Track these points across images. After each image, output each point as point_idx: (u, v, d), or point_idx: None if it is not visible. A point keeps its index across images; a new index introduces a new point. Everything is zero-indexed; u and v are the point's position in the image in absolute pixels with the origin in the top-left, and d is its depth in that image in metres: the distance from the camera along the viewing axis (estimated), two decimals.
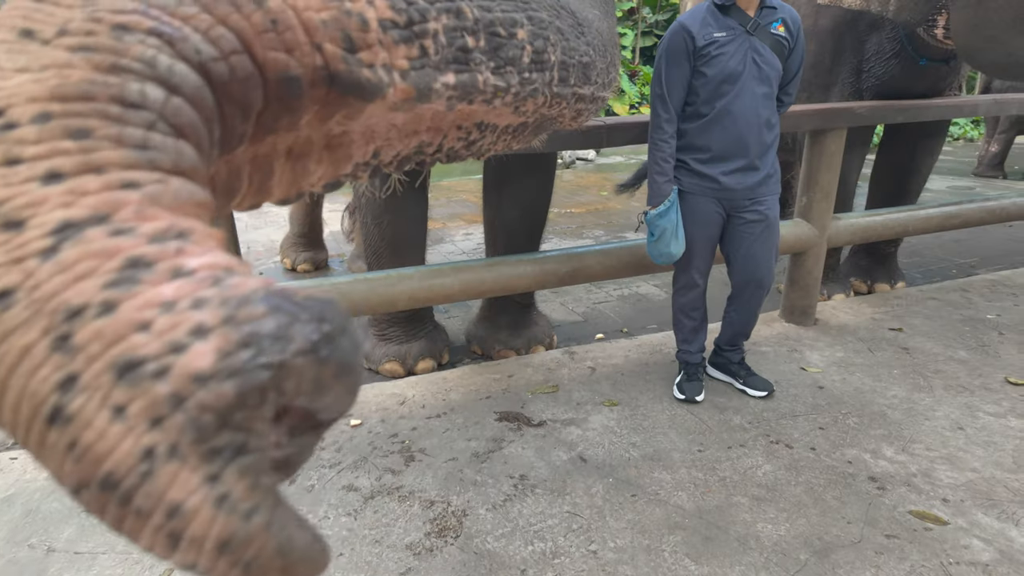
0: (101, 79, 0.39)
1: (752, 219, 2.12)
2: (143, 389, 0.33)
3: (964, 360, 2.58)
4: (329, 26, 0.48)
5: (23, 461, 2.02)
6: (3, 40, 0.39)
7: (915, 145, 3.18)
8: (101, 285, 0.35)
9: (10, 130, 0.37)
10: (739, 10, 1.97)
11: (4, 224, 0.35)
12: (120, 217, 0.37)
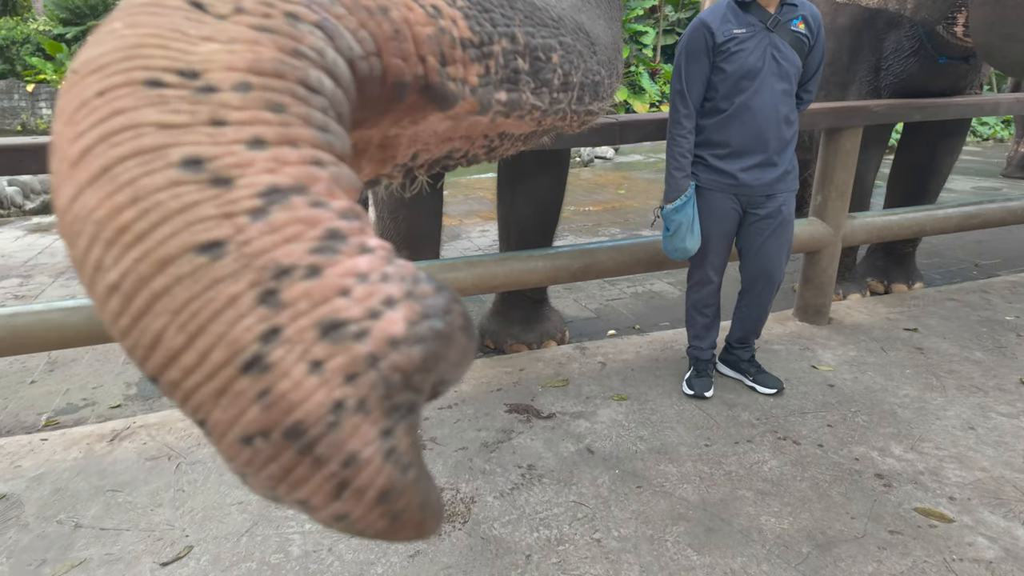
0: (289, 60, 0.42)
1: (767, 215, 2.14)
2: (344, 347, 0.37)
3: (979, 361, 2.56)
4: (431, 41, 0.53)
5: (52, 442, 2.11)
6: (173, 7, 0.41)
7: (935, 144, 3.15)
8: (308, 250, 0.38)
9: (212, 92, 0.39)
10: (759, 7, 1.98)
11: (214, 180, 0.37)
12: (316, 191, 0.40)
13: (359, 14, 0.48)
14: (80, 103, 0.38)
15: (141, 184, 0.36)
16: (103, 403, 2.51)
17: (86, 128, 0.37)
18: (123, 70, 0.38)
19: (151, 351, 0.37)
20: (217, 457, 1.99)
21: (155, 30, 0.40)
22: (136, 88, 0.38)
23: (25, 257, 4.48)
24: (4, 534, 1.70)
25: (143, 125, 0.37)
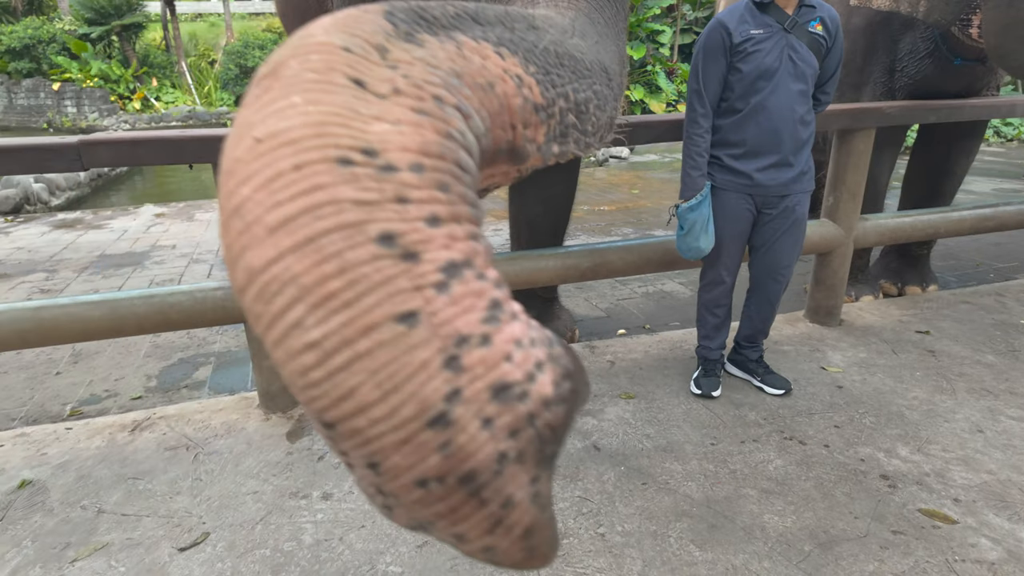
0: (446, 143, 0.48)
1: (781, 215, 2.15)
2: (510, 407, 0.43)
3: (991, 364, 2.54)
4: (521, 110, 0.59)
5: (76, 431, 2.19)
6: (341, 85, 0.45)
7: (950, 146, 3.12)
8: (479, 320, 0.44)
9: (393, 172, 0.44)
10: (777, 8, 1.99)
11: (404, 255, 0.43)
12: (478, 263, 0.46)
13: (478, 93, 0.53)
14: (276, 174, 0.42)
15: (347, 257, 0.41)
16: (125, 394, 2.59)
17: (286, 199, 0.42)
18: (316, 147, 0.43)
19: (341, 402, 0.42)
20: (233, 448, 2.06)
21: (333, 108, 0.44)
22: (331, 165, 0.42)
23: (50, 252, 4.60)
24: (30, 518, 1.77)
25: (342, 201, 0.42)
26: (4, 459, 2.04)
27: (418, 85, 0.48)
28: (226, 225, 0.44)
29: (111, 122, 15.06)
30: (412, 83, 0.47)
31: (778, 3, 1.99)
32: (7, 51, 15.84)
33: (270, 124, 0.43)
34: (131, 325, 2.05)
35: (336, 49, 0.46)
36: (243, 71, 16.60)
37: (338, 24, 0.49)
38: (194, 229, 5.20)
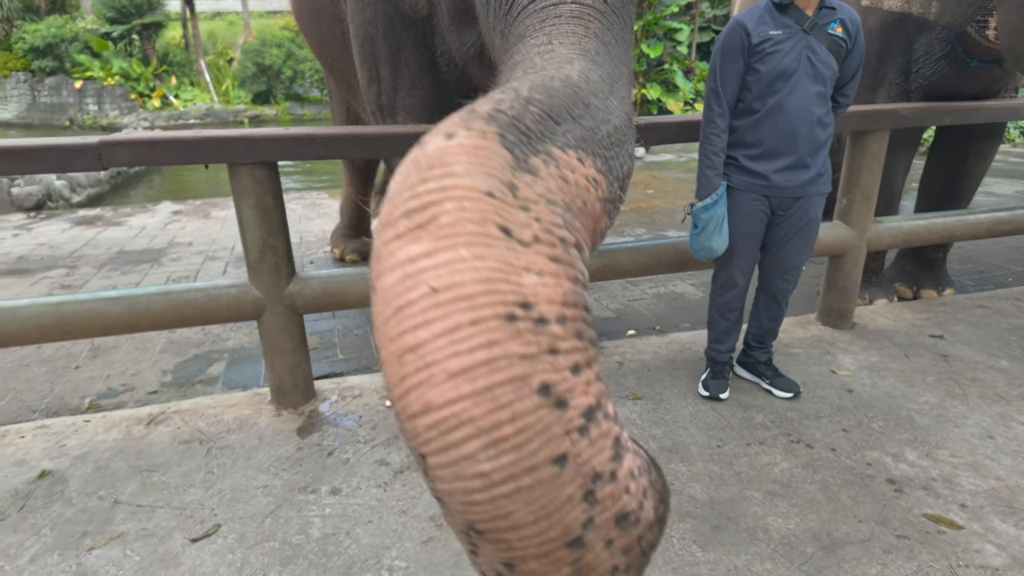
0: (577, 290, 0.56)
1: (794, 215, 2.14)
2: (627, 532, 0.55)
3: (1005, 369, 2.52)
4: (600, 213, 0.69)
5: (94, 424, 2.24)
6: (493, 237, 0.53)
7: (967, 148, 3.09)
8: (609, 458, 0.54)
9: (545, 324, 0.52)
10: (797, 9, 1.99)
11: (557, 403, 0.52)
12: (605, 404, 0.56)
13: (581, 218, 0.63)
14: (456, 326, 0.50)
15: (516, 407, 0.50)
16: (141, 388, 2.65)
17: (466, 350, 0.50)
18: (488, 304, 0.51)
19: (498, 520, 0.52)
20: (245, 443, 2.10)
21: (495, 263, 0.52)
22: (500, 322, 0.50)
23: (71, 248, 4.70)
24: (49, 507, 1.82)
25: (512, 356, 0.50)
26: (25, 450, 2.10)
27: (549, 230, 0.56)
28: (399, 357, 0.51)
29: (131, 120, 15.29)
30: (544, 228, 0.56)
31: (798, 4, 1.98)
32: (31, 49, 16.16)
33: (445, 277, 0.51)
34: (147, 321, 2.10)
35: (483, 196, 0.54)
36: (260, 69, 16.74)
37: (473, 161, 0.56)
38: (210, 227, 5.28)
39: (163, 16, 17.28)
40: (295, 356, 2.28)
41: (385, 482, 1.90)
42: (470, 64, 1.88)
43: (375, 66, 2.30)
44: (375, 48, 2.25)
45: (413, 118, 2.29)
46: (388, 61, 2.24)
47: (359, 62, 2.37)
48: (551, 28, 1.00)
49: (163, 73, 17.33)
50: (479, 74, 1.88)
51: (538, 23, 1.04)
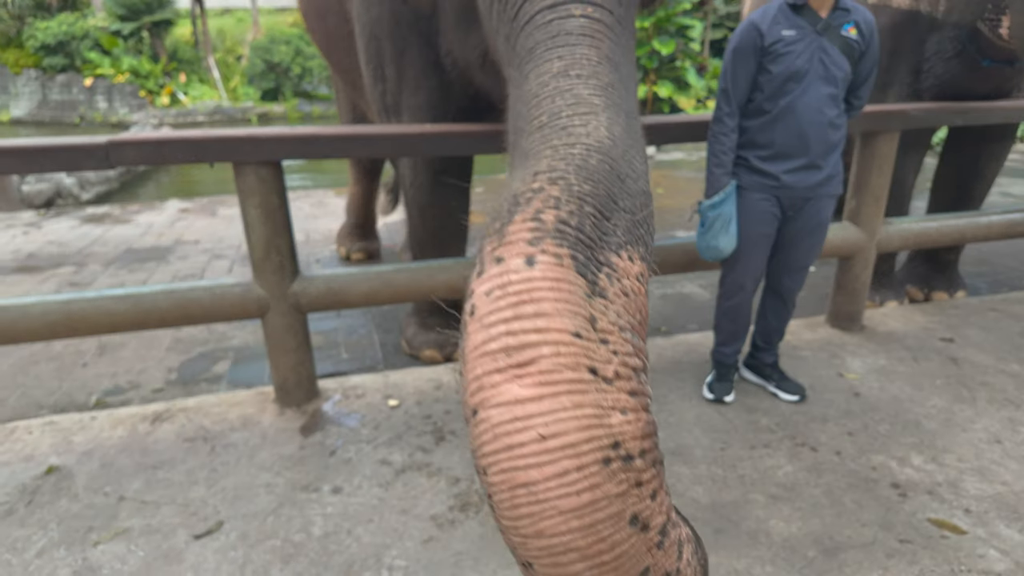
0: (650, 419, 0.66)
1: (804, 216, 2.13)
2: None
3: (1015, 374, 2.49)
4: (646, 290, 0.78)
5: (101, 421, 2.26)
6: (586, 381, 0.63)
7: (979, 149, 3.05)
8: (675, 558, 0.68)
9: (631, 461, 0.63)
10: (811, 10, 1.97)
11: (643, 527, 0.64)
12: (674, 517, 0.69)
13: (640, 331, 0.71)
14: (564, 471, 0.61)
15: (614, 539, 0.62)
16: (146, 386, 2.66)
17: (573, 493, 0.61)
18: (588, 451, 0.61)
19: None
20: (249, 441, 2.11)
21: (591, 410, 0.62)
22: (599, 467, 0.61)
23: (79, 246, 4.74)
24: (56, 502, 1.84)
25: (611, 496, 0.61)
26: (33, 445, 2.12)
27: (625, 363, 0.66)
28: (512, 489, 0.62)
29: (140, 117, 15.39)
30: (622, 362, 0.66)
31: (812, 5, 1.96)
32: (42, 47, 16.28)
33: (552, 426, 0.61)
34: (154, 319, 2.11)
35: (573, 339, 0.63)
36: (269, 66, 16.79)
37: (559, 298, 0.65)
38: (216, 225, 5.30)
39: (172, 13, 17.37)
40: (299, 355, 2.29)
41: (387, 482, 1.91)
42: (473, 66, 1.87)
43: (380, 65, 2.30)
44: (380, 48, 2.25)
45: (417, 118, 2.29)
46: (393, 61, 2.24)
47: (364, 61, 2.38)
48: (564, 51, 1.02)
49: (172, 70, 17.42)
50: (482, 76, 1.87)
51: (549, 39, 1.05)
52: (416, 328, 2.85)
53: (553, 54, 1.02)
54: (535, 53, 1.05)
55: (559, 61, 1.00)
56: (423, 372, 2.60)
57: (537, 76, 1.00)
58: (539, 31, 1.07)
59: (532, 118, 0.93)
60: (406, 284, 2.35)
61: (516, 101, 1.07)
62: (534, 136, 0.89)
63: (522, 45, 1.10)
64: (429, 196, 2.49)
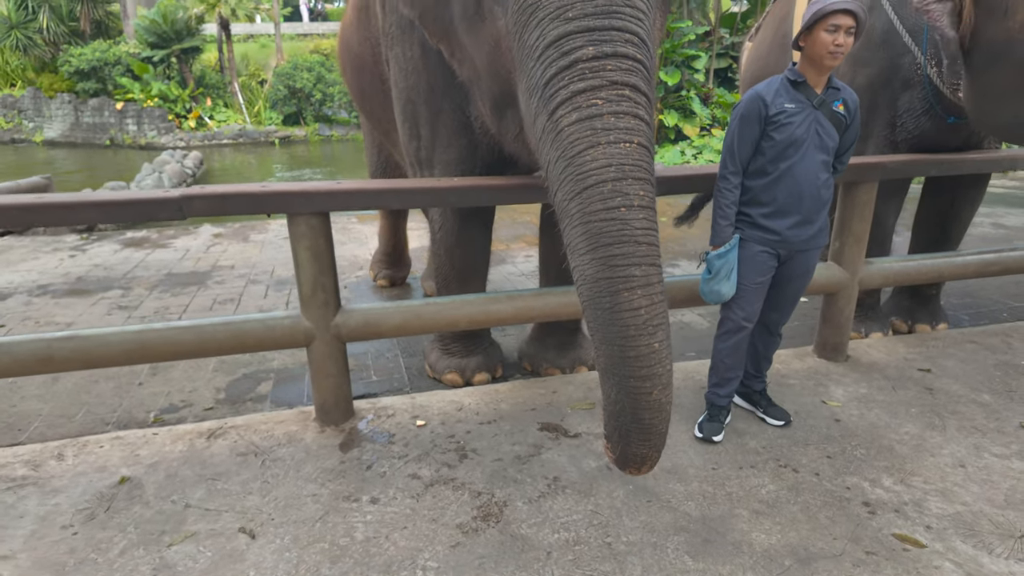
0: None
1: (795, 263, 2.40)
2: None
3: (986, 403, 2.72)
4: None
5: (162, 436, 2.56)
6: None
7: (955, 194, 3.32)
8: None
9: None
10: (808, 87, 2.25)
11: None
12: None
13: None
14: None
15: None
16: (198, 405, 2.96)
17: None
18: None
19: None
20: (294, 455, 2.39)
21: None
22: None
23: (124, 270, 5.09)
24: (131, 508, 2.13)
25: None
26: (105, 457, 2.42)
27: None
28: None
29: (168, 139, 16.00)
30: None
31: (809, 83, 2.25)
32: (76, 72, 17.02)
33: None
34: (213, 347, 2.41)
35: None
36: (291, 92, 17.44)
37: None
38: (249, 250, 5.65)
39: (200, 40, 18.06)
40: (338, 379, 2.58)
41: (417, 494, 2.18)
42: (507, 139, 2.17)
43: (416, 125, 2.62)
44: (416, 110, 2.57)
45: (448, 172, 2.60)
46: (428, 122, 2.55)
47: (401, 121, 2.69)
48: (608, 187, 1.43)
49: (199, 95, 18.07)
50: (513, 146, 2.17)
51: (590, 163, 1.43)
52: (439, 354, 3.14)
53: (598, 190, 1.43)
54: (579, 176, 1.44)
55: (600, 202, 1.43)
56: (446, 395, 2.88)
57: (578, 217, 1.45)
58: (577, 144, 1.46)
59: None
60: (433, 317, 2.64)
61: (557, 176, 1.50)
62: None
63: (563, 155, 1.48)
64: (455, 238, 2.79)
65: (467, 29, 1.96)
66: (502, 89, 1.92)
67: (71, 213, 2.14)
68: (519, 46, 1.61)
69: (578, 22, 1.44)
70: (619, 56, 1.43)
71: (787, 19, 3.80)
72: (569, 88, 1.43)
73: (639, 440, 1.52)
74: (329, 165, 15.71)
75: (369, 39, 2.95)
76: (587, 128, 1.41)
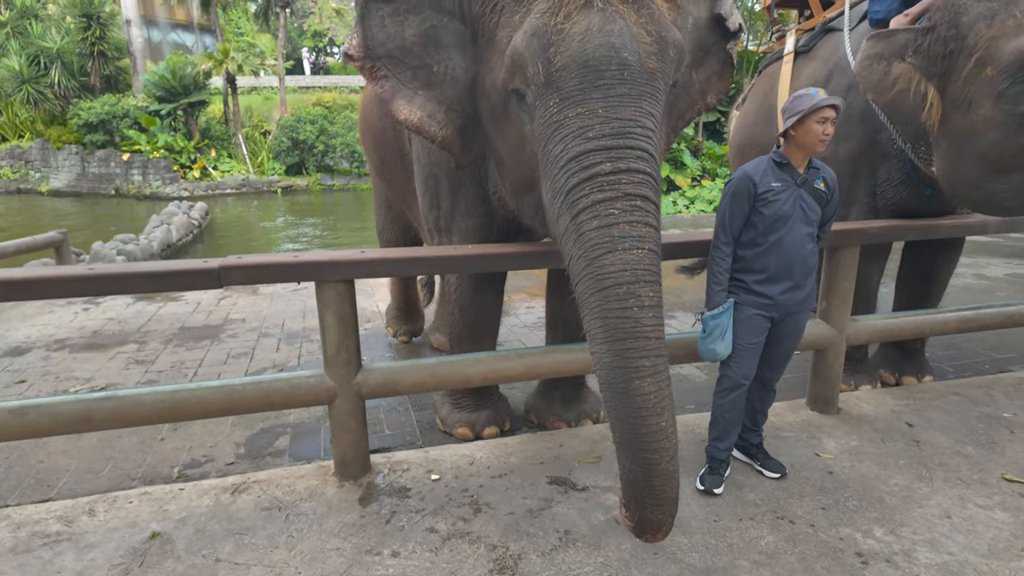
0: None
1: (787, 324, 2.60)
2: None
3: (969, 455, 2.88)
4: None
5: (188, 491, 2.67)
6: None
7: (934, 256, 3.56)
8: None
9: None
10: (792, 167, 2.50)
11: None
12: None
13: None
14: None
15: None
16: (220, 460, 3.09)
17: None
18: None
19: None
20: (316, 510, 2.51)
21: None
22: None
23: (138, 323, 5.24)
24: (164, 563, 2.24)
25: None
26: (135, 513, 2.53)
27: None
28: None
29: (172, 189, 16.37)
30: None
31: (793, 163, 2.50)
32: (84, 124, 17.50)
33: None
34: (243, 406, 2.56)
35: None
36: (294, 143, 17.96)
37: None
38: (259, 303, 5.83)
39: (207, 94, 18.66)
40: (357, 435, 2.72)
41: (436, 547, 2.30)
42: (523, 215, 2.40)
43: (436, 196, 2.85)
44: (438, 183, 2.81)
45: (467, 239, 2.82)
46: (448, 194, 2.78)
47: (422, 192, 2.92)
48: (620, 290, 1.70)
49: (204, 146, 18.56)
50: (531, 221, 2.40)
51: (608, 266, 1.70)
52: (450, 408, 3.29)
53: (615, 292, 1.70)
54: (598, 278, 1.72)
55: (618, 308, 1.70)
56: (458, 448, 3.01)
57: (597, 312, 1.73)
58: (596, 249, 1.74)
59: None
60: (447, 374, 2.80)
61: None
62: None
63: (584, 257, 1.76)
64: (469, 299, 2.98)
65: (493, 125, 2.20)
66: (523, 176, 2.15)
67: (123, 283, 2.32)
68: (544, 153, 1.86)
69: (597, 141, 1.71)
70: (632, 171, 1.69)
71: (770, 93, 4.11)
72: (590, 198, 1.69)
73: (653, 506, 1.71)
74: (331, 214, 16.06)
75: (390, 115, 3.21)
76: (606, 235, 1.66)
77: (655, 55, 1.84)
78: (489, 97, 2.18)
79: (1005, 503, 2.51)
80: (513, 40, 1.93)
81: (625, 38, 1.79)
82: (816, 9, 4.45)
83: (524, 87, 1.93)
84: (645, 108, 1.80)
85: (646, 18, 1.85)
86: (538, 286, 6.29)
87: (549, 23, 1.83)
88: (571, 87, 1.79)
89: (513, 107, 2.04)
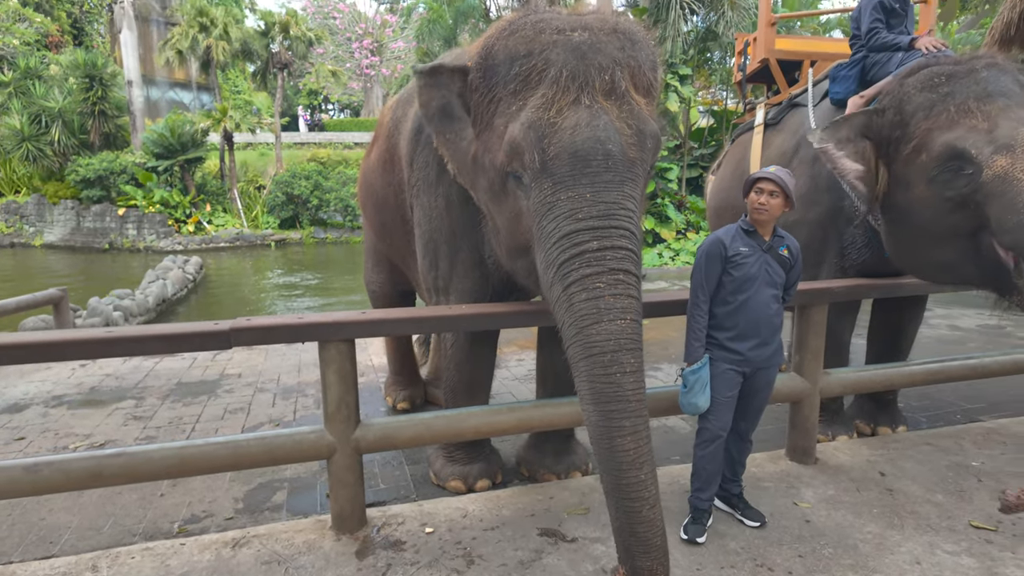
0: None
1: (758, 378, 2.78)
2: None
3: (939, 503, 3.03)
4: None
5: (189, 546, 2.75)
6: None
7: (901, 312, 3.79)
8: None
9: None
10: (758, 235, 2.75)
11: None
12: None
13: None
14: None
15: None
16: (219, 515, 3.16)
17: None
18: None
19: None
20: (315, 563, 2.60)
21: None
22: None
23: (135, 379, 5.33)
24: None
25: None
26: (138, 568, 2.60)
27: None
28: None
29: (166, 243, 16.59)
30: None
31: (759, 231, 2.74)
32: (82, 180, 17.83)
33: None
34: (247, 461, 2.68)
35: None
36: (289, 198, 18.37)
37: None
38: (254, 358, 5.94)
39: (204, 151, 19.14)
40: (355, 489, 2.83)
41: None
42: (517, 277, 2.63)
43: (436, 259, 3.06)
44: (438, 248, 3.03)
45: (463, 299, 3.02)
46: (447, 257, 3.00)
47: (422, 254, 3.14)
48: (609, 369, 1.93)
49: (199, 201, 18.89)
50: (524, 281, 2.62)
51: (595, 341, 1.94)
52: (444, 461, 3.40)
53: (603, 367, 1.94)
54: (584, 349, 1.96)
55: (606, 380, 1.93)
56: (451, 501, 3.12)
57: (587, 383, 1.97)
58: (584, 320, 1.98)
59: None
60: (443, 429, 2.94)
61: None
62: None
63: (574, 326, 2.00)
64: (465, 355, 3.15)
65: (491, 198, 2.44)
66: (517, 243, 2.38)
67: (141, 346, 2.48)
68: (538, 228, 2.11)
69: (586, 221, 1.97)
70: (616, 248, 1.94)
71: (743, 160, 4.43)
72: (579, 272, 1.92)
73: (641, 553, 1.88)
74: (324, 268, 16.28)
75: (392, 184, 3.45)
76: (593, 307, 1.89)
77: (635, 146, 2.10)
78: (488, 173, 2.42)
79: (972, 549, 2.65)
80: (511, 130, 2.19)
81: (609, 131, 2.06)
82: (782, 86, 4.84)
83: (521, 170, 2.18)
84: (627, 192, 2.05)
85: (627, 113, 2.13)
86: (528, 338, 6.45)
87: (543, 117, 2.09)
88: (563, 173, 2.04)
89: (511, 185, 2.28)
